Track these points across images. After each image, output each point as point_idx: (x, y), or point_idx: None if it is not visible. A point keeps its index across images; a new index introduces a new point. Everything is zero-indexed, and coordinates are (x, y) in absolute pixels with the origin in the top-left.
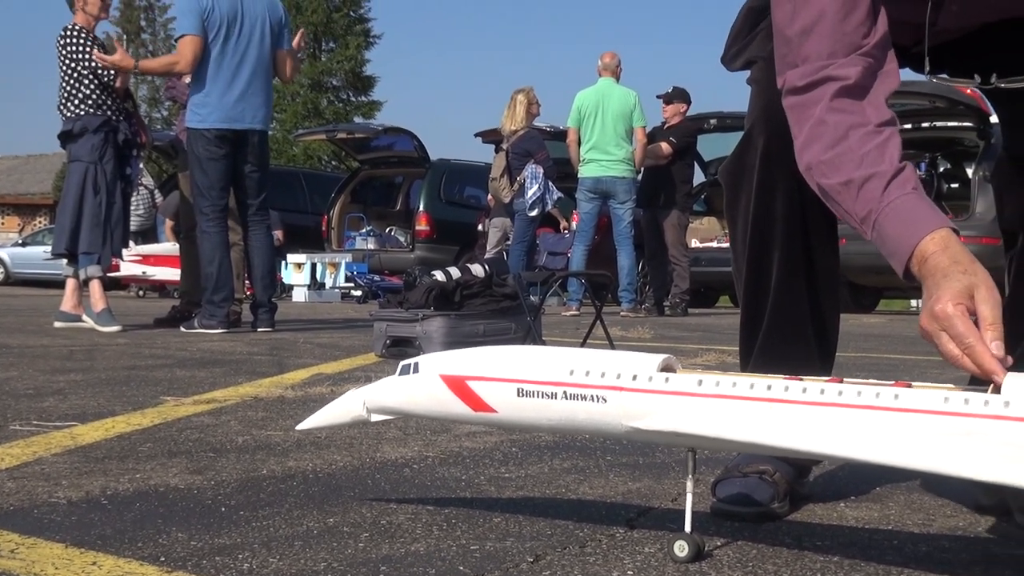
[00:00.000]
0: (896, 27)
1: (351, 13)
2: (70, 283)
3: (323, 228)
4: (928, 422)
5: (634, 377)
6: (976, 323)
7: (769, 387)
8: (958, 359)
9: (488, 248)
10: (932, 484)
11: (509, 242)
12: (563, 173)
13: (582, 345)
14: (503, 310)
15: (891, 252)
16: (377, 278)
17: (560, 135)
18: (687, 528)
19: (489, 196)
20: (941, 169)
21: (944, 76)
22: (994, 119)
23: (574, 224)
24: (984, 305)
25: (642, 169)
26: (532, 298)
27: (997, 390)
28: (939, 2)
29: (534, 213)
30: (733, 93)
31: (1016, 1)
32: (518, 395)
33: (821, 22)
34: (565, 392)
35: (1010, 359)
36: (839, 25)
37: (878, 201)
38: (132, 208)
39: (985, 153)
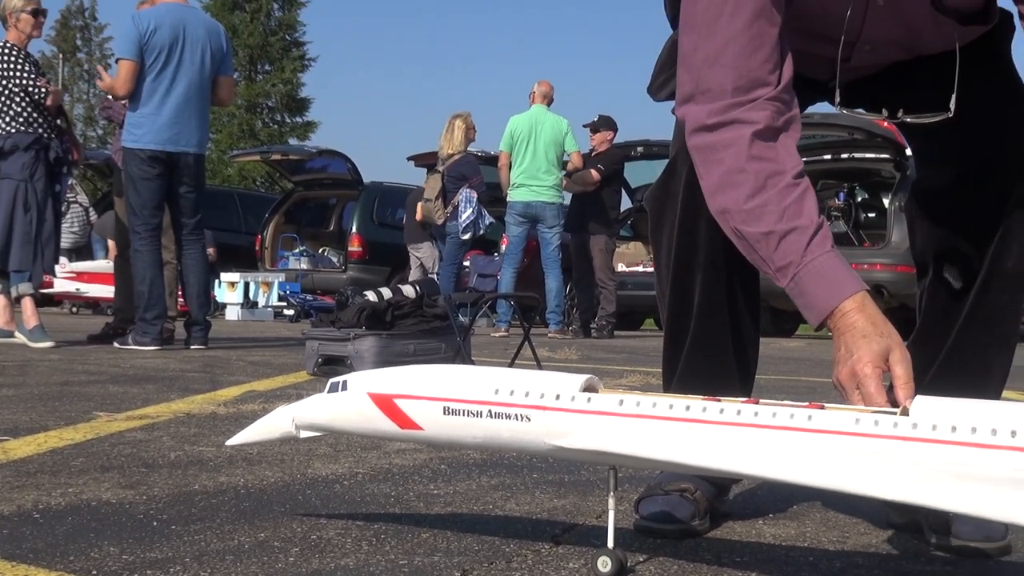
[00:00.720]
0: (812, 62)
1: (287, 37)
2: (1, 299)
3: (256, 248)
4: (840, 443)
5: (557, 397)
6: (891, 380)
7: (688, 407)
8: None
9: (412, 267)
10: (847, 502)
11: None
12: (492, 197)
13: (510, 365)
14: (433, 330)
15: (808, 305)
16: (310, 297)
17: (492, 160)
18: (610, 544)
19: (405, 217)
20: (859, 199)
21: (859, 110)
22: (910, 151)
23: (503, 247)
24: (899, 366)
25: (570, 195)
26: (462, 319)
27: (906, 413)
28: (851, 41)
29: (466, 236)
30: (659, 122)
31: (924, 41)
32: (444, 413)
33: (726, 53)
34: (490, 411)
35: None
36: (745, 59)
37: (799, 255)
38: (67, 226)
39: (901, 184)
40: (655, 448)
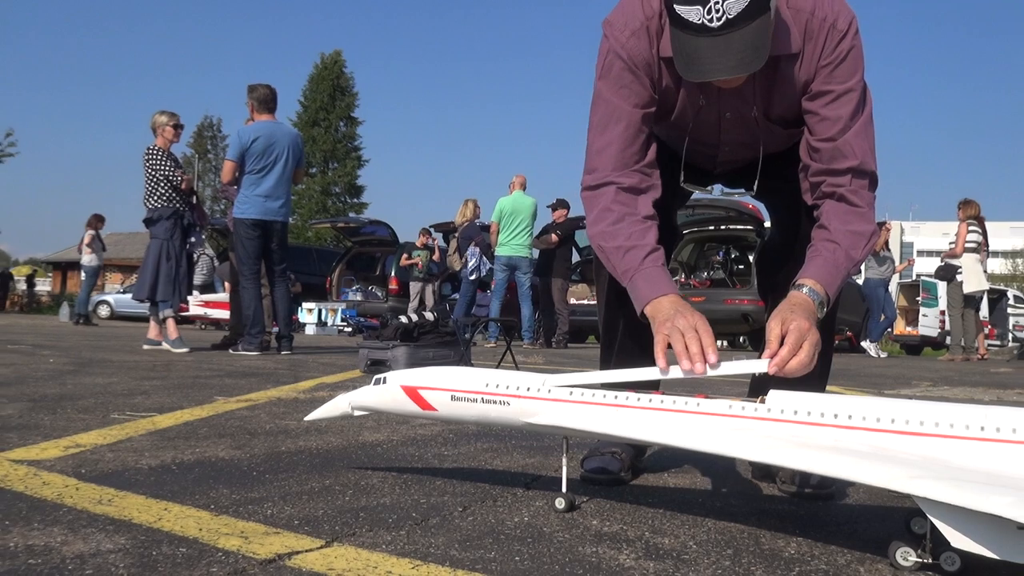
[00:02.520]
0: (699, 157)
1: (349, 144)
2: (151, 320)
3: (327, 285)
4: (718, 421)
5: (528, 389)
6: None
7: (616, 397)
8: (681, 354)
9: (411, 298)
10: (724, 462)
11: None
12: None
13: (496, 367)
14: (446, 342)
15: (637, 298)
16: (362, 319)
17: (485, 227)
18: (563, 489)
19: (403, 259)
20: (732, 256)
21: (690, 185)
22: (767, 224)
23: (492, 286)
24: (705, 335)
25: (538, 251)
26: (465, 335)
27: (763, 402)
28: (715, 143)
29: (473, 277)
30: None
31: (764, 143)
32: (452, 399)
33: (609, 148)
34: (482, 398)
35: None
36: (621, 152)
37: (637, 264)
38: (198, 269)
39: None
40: (595, 424)
